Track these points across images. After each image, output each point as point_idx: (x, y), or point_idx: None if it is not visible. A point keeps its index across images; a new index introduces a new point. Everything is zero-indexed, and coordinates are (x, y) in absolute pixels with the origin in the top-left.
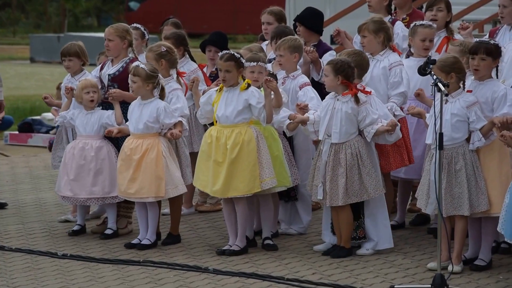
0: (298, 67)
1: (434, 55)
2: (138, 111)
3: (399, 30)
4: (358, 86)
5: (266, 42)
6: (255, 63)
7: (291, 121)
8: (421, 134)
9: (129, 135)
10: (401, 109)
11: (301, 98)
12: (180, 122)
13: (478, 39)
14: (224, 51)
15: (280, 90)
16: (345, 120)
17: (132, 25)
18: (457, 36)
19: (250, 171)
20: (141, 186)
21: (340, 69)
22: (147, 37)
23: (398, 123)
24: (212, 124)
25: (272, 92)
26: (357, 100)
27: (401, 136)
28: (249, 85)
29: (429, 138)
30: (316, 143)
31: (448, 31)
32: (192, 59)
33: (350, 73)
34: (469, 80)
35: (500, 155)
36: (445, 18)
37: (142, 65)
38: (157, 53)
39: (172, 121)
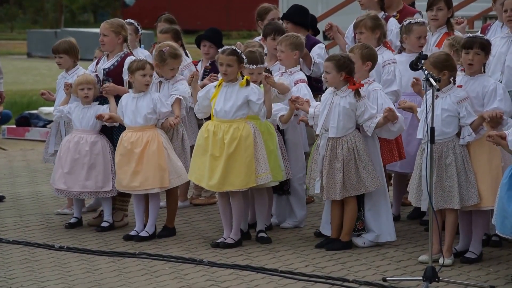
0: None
1: (434, 50)
2: (133, 104)
3: (393, 27)
4: (364, 81)
5: (258, 37)
6: (254, 66)
7: (284, 113)
8: (415, 129)
9: (120, 124)
10: None
11: (294, 94)
12: (177, 104)
13: (469, 34)
14: (226, 46)
15: (279, 78)
16: (343, 115)
17: (126, 20)
18: (457, 33)
19: (246, 166)
20: (145, 178)
21: (343, 65)
22: (140, 32)
23: (400, 115)
24: (207, 118)
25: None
26: (358, 94)
27: (404, 128)
28: (248, 82)
29: (420, 133)
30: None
31: (448, 27)
32: (187, 54)
33: (352, 68)
34: (460, 75)
35: (490, 149)
36: (445, 16)
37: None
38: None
39: (168, 109)
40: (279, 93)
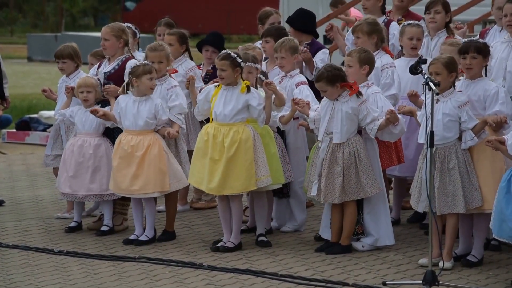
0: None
1: (434, 55)
2: (134, 108)
3: (395, 31)
4: (363, 85)
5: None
6: (243, 63)
7: (284, 114)
8: (413, 132)
9: (117, 127)
10: None
11: (296, 96)
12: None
13: (466, 39)
14: (223, 51)
15: (279, 87)
16: (346, 120)
17: (125, 24)
18: (457, 37)
19: (246, 170)
20: (145, 182)
21: (334, 77)
22: (138, 35)
23: (401, 117)
24: (208, 120)
25: (273, 94)
26: (360, 94)
27: (405, 130)
28: (249, 88)
29: (421, 137)
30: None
31: (448, 31)
32: (191, 58)
33: (343, 74)
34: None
35: (492, 152)
36: (443, 19)
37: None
38: (167, 52)
39: (167, 117)
40: (274, 103)
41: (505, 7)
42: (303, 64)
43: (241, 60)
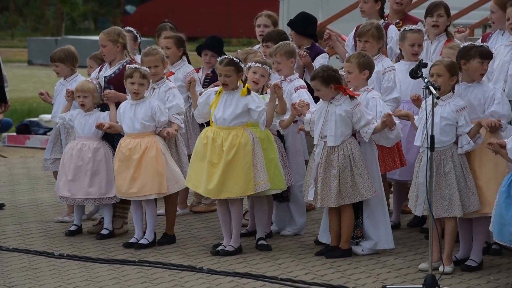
0: (294, 70)
1: (434, 58)
2: (131, 111)
3: (393, 34)
4: (363, 89)
5: (258, 45)
6: (260, 65)
7: (284, 119)
8: (414, 136)
9: (119, 133)
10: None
11: (295, 100)
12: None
13: (470, 43)
14: (224, 56)
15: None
16: (340, 123)
17: (125, 28)
18: (457, 41)
19: (245, 174)
20: (142, 184)
21: (328, 78)
22: (139, 40)
23: (398, 122)
24: (208, 123)
25: (277, 99)
26: (353, 97)
27: (402, 135)
28: (249, 91)
29: (418, 140)
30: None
31: (448, 35)
32: (189, 62)
33: (338, 75)
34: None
35: (495, 156)
36: (445, 23)
37: None
38: (161, 55)
39: (166, 118)
40: (276, 110)
41: (508, 10)
42: (304, 68)
43: (243, 65)
